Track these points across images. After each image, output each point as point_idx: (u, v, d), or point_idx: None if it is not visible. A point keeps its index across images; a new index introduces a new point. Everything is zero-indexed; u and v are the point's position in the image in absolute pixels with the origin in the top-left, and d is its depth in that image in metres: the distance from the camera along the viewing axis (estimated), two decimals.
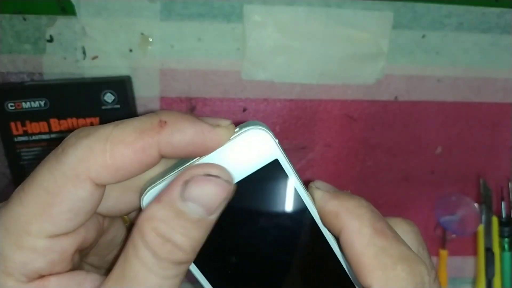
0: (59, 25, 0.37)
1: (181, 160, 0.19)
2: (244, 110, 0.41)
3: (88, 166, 0.17)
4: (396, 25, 0.39)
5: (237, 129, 0.19)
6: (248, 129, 0.19)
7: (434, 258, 0.48)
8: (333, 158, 0.43)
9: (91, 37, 0.37)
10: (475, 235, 0.47)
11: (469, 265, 0.48)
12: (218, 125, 0.18)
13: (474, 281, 0.48)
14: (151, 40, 0.38)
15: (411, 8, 0.39)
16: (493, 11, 0.40)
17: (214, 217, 0.18)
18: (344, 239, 0.19)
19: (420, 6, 0.39)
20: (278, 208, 0.21)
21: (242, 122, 0.20)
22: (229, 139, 0.19)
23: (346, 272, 0.21)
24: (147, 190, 0.19)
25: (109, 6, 0.36)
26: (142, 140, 0.17)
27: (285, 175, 0.20)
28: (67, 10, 0.36)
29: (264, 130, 0.19)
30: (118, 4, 0.36)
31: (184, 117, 0.18)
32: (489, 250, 0.46)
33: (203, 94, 0.40)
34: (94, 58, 0.38)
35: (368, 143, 0.44)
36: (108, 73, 0.38)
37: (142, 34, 0.38)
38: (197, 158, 0.19)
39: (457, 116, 0.44)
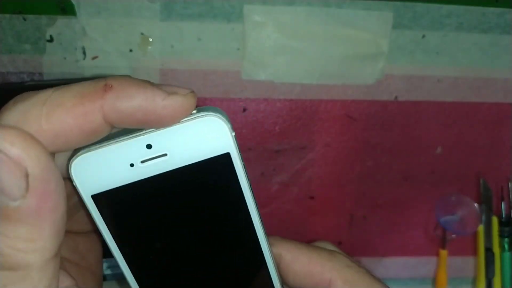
0: (59, 25, 0.37)
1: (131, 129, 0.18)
2: (244, 110, 0.41)
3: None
4: (396, 25, 0.39)
5: (195, 111, 0.18)
6: (205, 115, 0.17)
7: (434, 258, 0.48)
8: (333, 158, 0.43)
9: (91, 37, 0.37)
10: (475, 235, 0.47)
11: (469, 265, 0.48)
12: (175, 93, 0.16)
13: (474, 281, 0.48)
14: (151, 40, 0.38)
15: (411, 8, 0.39)
16: (493, 11, 0.40)
17: (23, 203, 0.14)
18: None
19: (420, 6, 0.39)
20: (217, 203, 0.20)
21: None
22: (188, 113, 0.17)
23: (268, 271, 0.22)
24: (78, 154, 0.17)
25: (109, 6, 0.36)
26: (82, 104, 0.15)
27: (233, 171, 0.19)
28: (67, 10, 0.36)
29: (222, 120, 0.18)
30: (118, 4, 0.36)
31: (134, 82, 0.16)
32: (489, 250, 0.46)
33: (203, 94, 0.40)
34: (94, 58, 0.38)
35: (368, 143, 0.44)
36: (108, 73, 0.38)
37: (142, 34, 0.38)
38: (150, 129, 0.17)
39: (457, 116, 0.44)
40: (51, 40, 0.37)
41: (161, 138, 0.17)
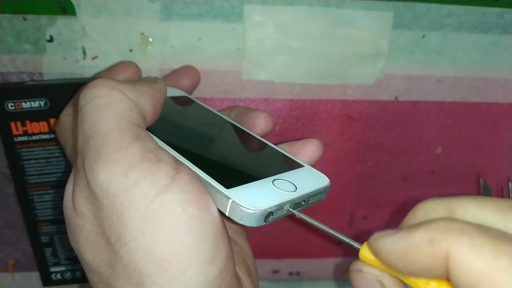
0: (59, 25, 0.37)
1: None
2: None
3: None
4: (396, 25, 0.40)
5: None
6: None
7: None
8: (333, 158, 0.43)
9: (91, 37, 0.37)
10: None
11: None
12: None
13: None
14: (151, 40, 0.38)
15: (411, 8, 0.39)
16: (493, 11, 0.40)
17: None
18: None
19: (420, 6, 0.39)
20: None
21: None
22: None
23: (268, 144, 0.30)
24: None
25: (109, 6, 0.36)
26: None
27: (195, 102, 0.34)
28: (67, 10, 0.36)
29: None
30: (118, 4, 0.36)
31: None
32: None
33: (203, 94, 0.40)
34: (94, 58, 0.38)
35: (368, 143, 0.44)
36: None
37: (142, 34, 0.38)
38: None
39: (457, 116, 0.44)
40: (51, 40, 0.37)
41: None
